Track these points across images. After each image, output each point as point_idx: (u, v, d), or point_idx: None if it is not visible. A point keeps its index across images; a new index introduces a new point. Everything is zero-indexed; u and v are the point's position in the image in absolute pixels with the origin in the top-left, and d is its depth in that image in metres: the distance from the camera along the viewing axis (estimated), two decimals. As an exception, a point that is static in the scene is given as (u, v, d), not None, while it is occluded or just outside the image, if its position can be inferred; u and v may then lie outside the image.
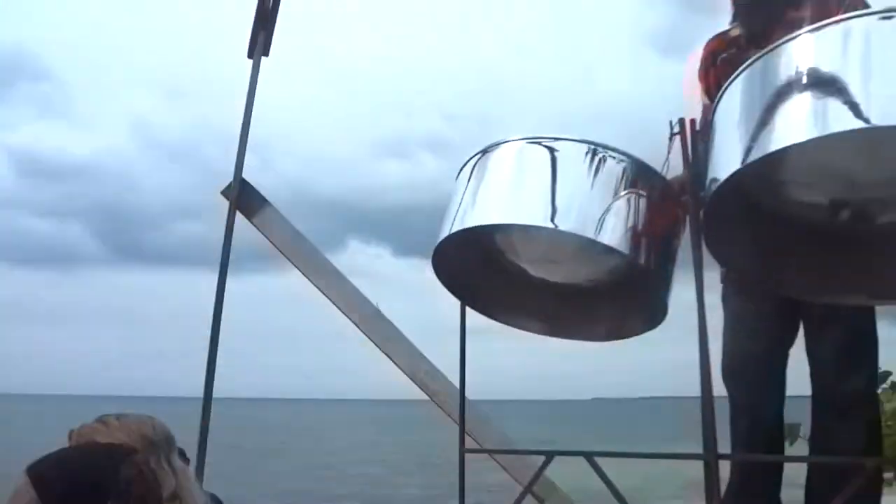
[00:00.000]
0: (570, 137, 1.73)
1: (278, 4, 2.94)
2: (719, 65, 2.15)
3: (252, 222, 2.87)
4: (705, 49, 2.23)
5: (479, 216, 1.75)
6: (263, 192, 2.93)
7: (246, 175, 2.91)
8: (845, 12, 1.97)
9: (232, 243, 2.84)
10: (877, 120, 1.19)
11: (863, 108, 1.20)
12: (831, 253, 1.62)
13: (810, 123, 1.26)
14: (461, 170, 1.89)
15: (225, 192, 2.89)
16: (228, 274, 2.79)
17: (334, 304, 2.84)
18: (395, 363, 2.84)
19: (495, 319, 2.08)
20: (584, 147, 1.71)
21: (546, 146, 1.75)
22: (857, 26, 1.31)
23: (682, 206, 1.70)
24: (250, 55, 2.97)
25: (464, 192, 1.81)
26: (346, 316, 2.85)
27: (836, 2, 2.00)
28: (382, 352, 2.86)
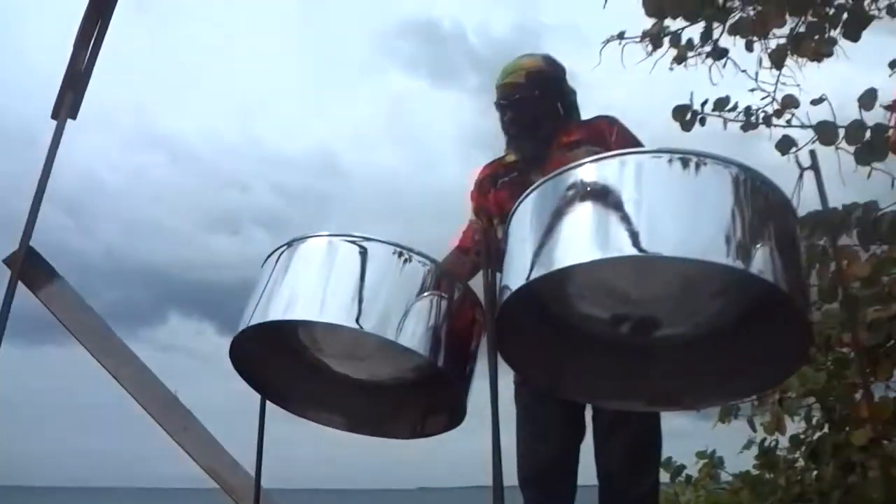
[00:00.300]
0: (378, 238, 1.75)
1: (92, 67, 2.79)
2: (500, 188, 2.31)
3: (36, 295, 2.60)
4: (481, 173, 2.39)
5: (281, 310, 1.71)
6: (78, 257, 2.76)
7: (59, 238, 2.71)
8: (616, 138, 2.24)
9: (25, 313, 2.57)
10: (647, 248, 1.31)
11: (637, 236, 1.32)
12: (615, 361, 1.72)
13: (590, 246, 1.36)
14: (266, 259, 1.84)
15: (7, 260, 2.61)
16: (24, 345, 2.49)
17: (125, 389, 2.62)
18: (189, 455, 2.65)
19: (296, 413, 2.01)
20: (391, 248, 1.74)
21: (353, 243, 1.75)
22: (632, 160, 1.44)
23: (481, 310, 1.76)
24: (55, 116, 2.77)
25: (266, 284, 1.76)
26: (138, 402, 2.63)
27: (606, 127, 2.25)
28: (176, 442, 2.66)
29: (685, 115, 3.62)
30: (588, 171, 1.45)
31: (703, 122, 3.65)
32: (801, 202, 1.50)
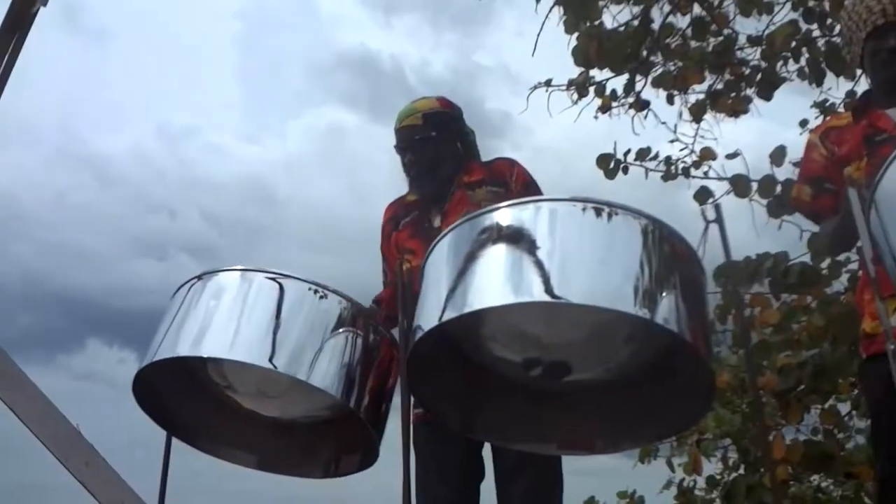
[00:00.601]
0: (294, 274, 1.73)
1: (5, 81, 2.69)
2: (401, 229, 2.33)
3: (-70, 321, 2.45)
4: (385, 216, 2.41)
5: (189, 346, 1.66)
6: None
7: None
8: (516, 178, 2.29)
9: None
10: (558, 294, 1.32)
11: (548, 282, 1.34)
12: (528, 404, 1.73)
13: (503, 290, 1.37)
14: (176, 291, 1.79)
15: None
16: None
17: (23, 422, 2.48)
18: (91, 492, 2.53)
19: (203, 451, 1.94)
20: (307, 285, 1.72)
21: (268, 279, 1.72)
22: (547, 206, 1.46)
23: (397, 348, 1.75)
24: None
25: (175, 317, 1.72)
26: (37, 437, 2.50)
27: (507, 168, 2.30)
28: (78, 480, 2.53)
29: (609, 164, 3.74)
30: (504, 214, 1.47)
31: (625, 170, 3.77)
32: (706, 253, 1.55)
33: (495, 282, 1.39)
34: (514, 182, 2.28)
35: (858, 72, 2.57)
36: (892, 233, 1.49)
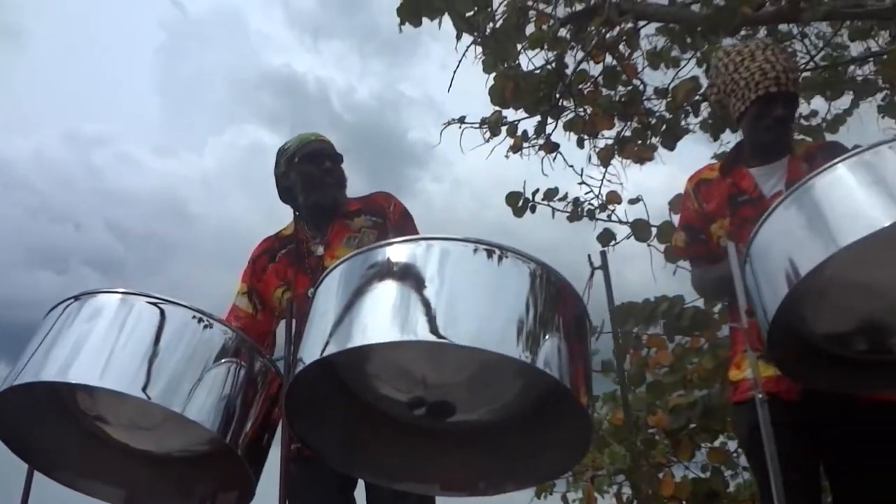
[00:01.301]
0: (177, 301, 1.66)
1: None
2: (278, 260, 2.32)
3: None
4: (257, 249, 2.40)
5: (55, 371, 1.55)
6: None
7: None
8: (393, 209, 2.31)
9: None
10: (444, 334, 1.31)
11: (434, 322, 1.33)
12: (412, 443, 1.71)
13: (388, 327, 1.35)
14: (49, 312, 1.69)
15: None
16: None
17: None
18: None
19: (65, 484, 1.83)
20: (191, 313, 1.65)
21: (149, 304, 1.65)
22: (439, 245, 1.46)
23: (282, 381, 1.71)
24: None
25: (44, 339, 1.61)
26: None
27: (384, 200, 2.33)
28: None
29: (517, 202, 3.81)
30: (395, 250, 1.46)
31: (533, 209, 3.85)
32: (590, 298, 1.58)
33: (381, 318, 1.37)
34: (392, 212, 2.32)
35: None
36: (763, 287, 1.57)
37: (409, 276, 1.41)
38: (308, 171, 2.33)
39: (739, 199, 2.05)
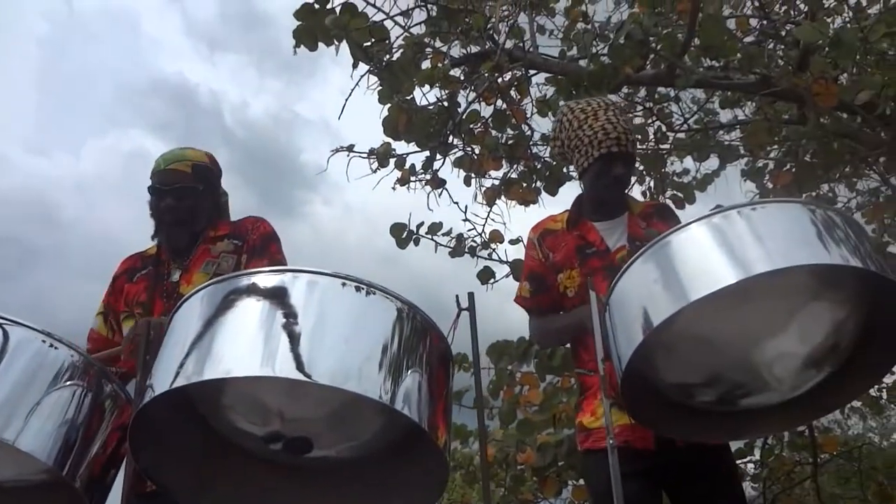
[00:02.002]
0: (22, 322, 1.55)
1: None
2: (136, 281, 2.24)
3: None
4: (120, 268, 2.31)
5: None
6: None
7: None
8: (252, 231, 2.25)
9: None
10: (304, 370, 1.29)
11: (294, 358, 1.30)
12: (268, 479, 1.66)
13: (244, 360, 1.31)
14: None
15: None
16: None
17: None
18: None
19: None
20: (35, 335, 1.54)
21: (-8, 323, 1.53)
22: (305, 277, 1.44)
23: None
24: None
25: None
26: None
27: (251, 224, 2.26)
28: None
29: (402, 233, 3.83)
30: (260, 279, 1.43)
31: (416, 241, 3.88)
32: (454, 339, 1.60)
33: (240, 350, 1.33)
34: (252, 233, 2.23)
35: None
36: (619, 336, 1.64)
37: (272, 307, 1.38)
38: (153, 204, 2.22)
39: (588, 251, 2.13)
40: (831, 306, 1.62)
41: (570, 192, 4.49)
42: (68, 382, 1.55)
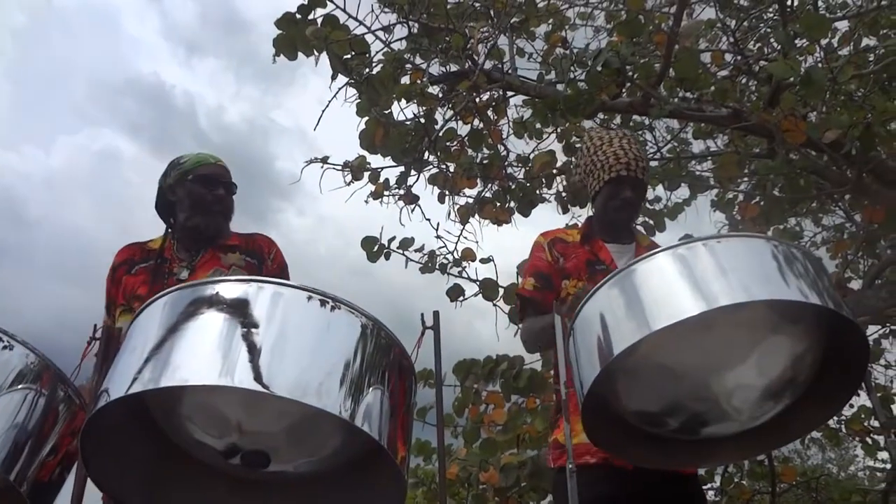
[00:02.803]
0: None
1: None
2: (136, 273, 2.22)
3: None
4: (118, 257, 2.29)
5: None
6: None
7: None
8: (274, 256, 2.28)
9: None
10: (264, 381, 1.27)
11: (253, 368, 1.28)
12: (223, 491, 1.63)
13: (205, 370, 1.29)
14: None
15: None
16: None
17: None
18: None
19: None
20: (-14, 332, 1.51)
21: (-61, 317, 1.49)
22: (270, 288, 1.42)
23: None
24: None
25: None
26: None
27: (266, 243, 2.30)
28: None
29: (372, 247, 3.82)
30: (225, 288, 1.41)
31: (387, 256, 3.87)
32: (418, 357, 1.60)
33: (199, 358, 1.31)
34: (272, 261, 2.28)
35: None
36: (581, 360, 1.65)
37: (235, 317, 1.36)
38: (199, 192, 2.26)
39: (598, 266, 2.20)
40: (790, 340, 1.64)
41: (543, 214, 4.53)
42: (20, 385, 1.52)
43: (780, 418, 1.76)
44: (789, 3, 3.69)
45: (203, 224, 2.26)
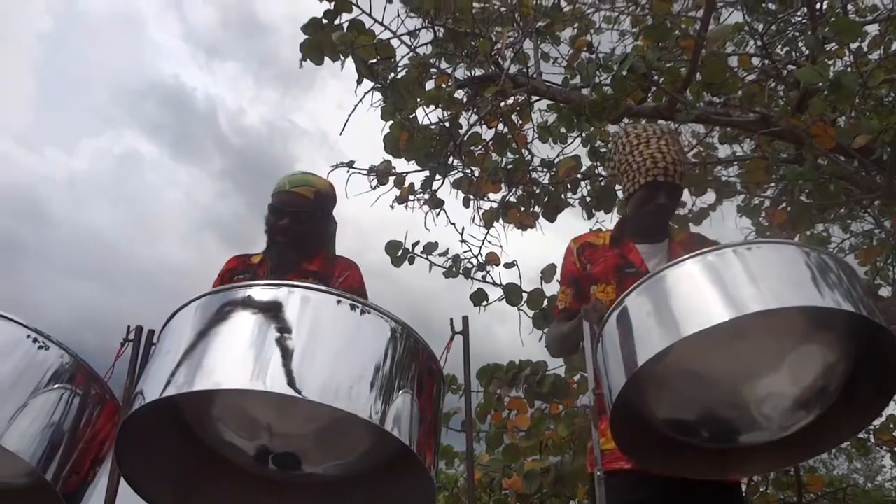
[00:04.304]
0: (13, 318, 1.55)
1: None
2: (234, 282, 2.26)
3: None
4: (227, 265, 2.36)
5: None
6: None
7: None
8: (342, 279, 2.27)
9: None
10: (295, 386, 1.28)
11: (285, 373, 1.30)
12: (255, 494, 1.65)
13: (237, 374, 1.31)
14: None
15: None
16: None
17: None
18: None
19: None
20: (25, 332, 1.54)
21: (-21, 318, 1.52)
22: (300, 292, 1.44)
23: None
24: None
25: None
26: None
27: (342, 266, 2.31)
28: None
29: (397, 252, 3.83)
30: (255, 292, 1.43)
31: (412, 260, 3.88)
32: (447, 362, 1.60)
33: (231, 362, 1.33)
34: (340, 282, 2.25)
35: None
36: (610, 368, 1.64)
37: (266, 321, 1.38)
38: (269, 221, 2.28)
39: (627, 270, 2.17)
40: (822, 349, 1.63)
41: (569, 218, 4.50)
42: (56, 385, 1.55)
43: (810, 428, 1.74)
44: (818, 6, 3.64)
45: (273, 255, 2.28)
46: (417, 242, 3.89)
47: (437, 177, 4.05)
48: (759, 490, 4.70)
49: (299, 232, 2.25)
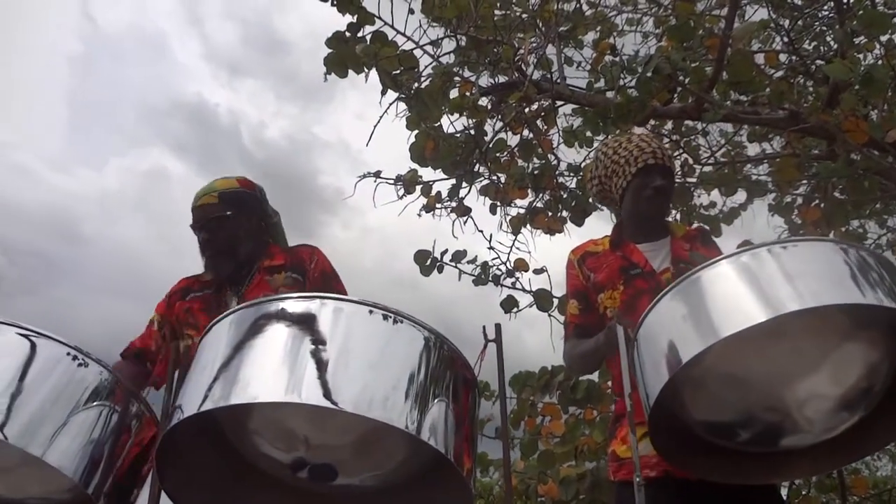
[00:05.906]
0: (52, 336, 1.57)
1: None
2: (190, 300, 2.26)
3: None
4: (177, 285, 2.34)
5: None
6: None
7: None
8: (314, 266, 2.27)
9: None
10: (331, 398, 1.28)
11: (320, 384, 1.30)
12: (290, 504, 1.65)
13: (272, 387, 1.32)
14: None
15: None
16: None
17: None
18: None
19: None
20: (65, 349, 1.56)
21: (19, 335, 1.55)
22: (332, 304, 1.44)
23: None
24: None
25: None
26: None
27: (307, 254, 2.30)
28: None
29: (425, 261, 3.84)
30: (288, 305, 1.44)
31: (440, 269, 3.88)
32: (481, 370, 1.59)
33: (267, 375, 1.33)
34: (313, 269, 2.25)
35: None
36: (647, 372, 1.62)
37: (299, 333, 1.38)
38: (198, 243, 2.27)
39: (632, 271, 2.13)
40: (865, 348, 1.59)
41: (596, 223, 4.47)
42: (95, 402, 1.57)
43: (855, 430, 1.70)
44: (845, 0, 3.59)
45: (211, 270, 2.27)
46: (446, 251, 3.90)
47: (464, 184, 4.05)
48: (802, 493, 4.60)
49: (220, 240, 2.22)
